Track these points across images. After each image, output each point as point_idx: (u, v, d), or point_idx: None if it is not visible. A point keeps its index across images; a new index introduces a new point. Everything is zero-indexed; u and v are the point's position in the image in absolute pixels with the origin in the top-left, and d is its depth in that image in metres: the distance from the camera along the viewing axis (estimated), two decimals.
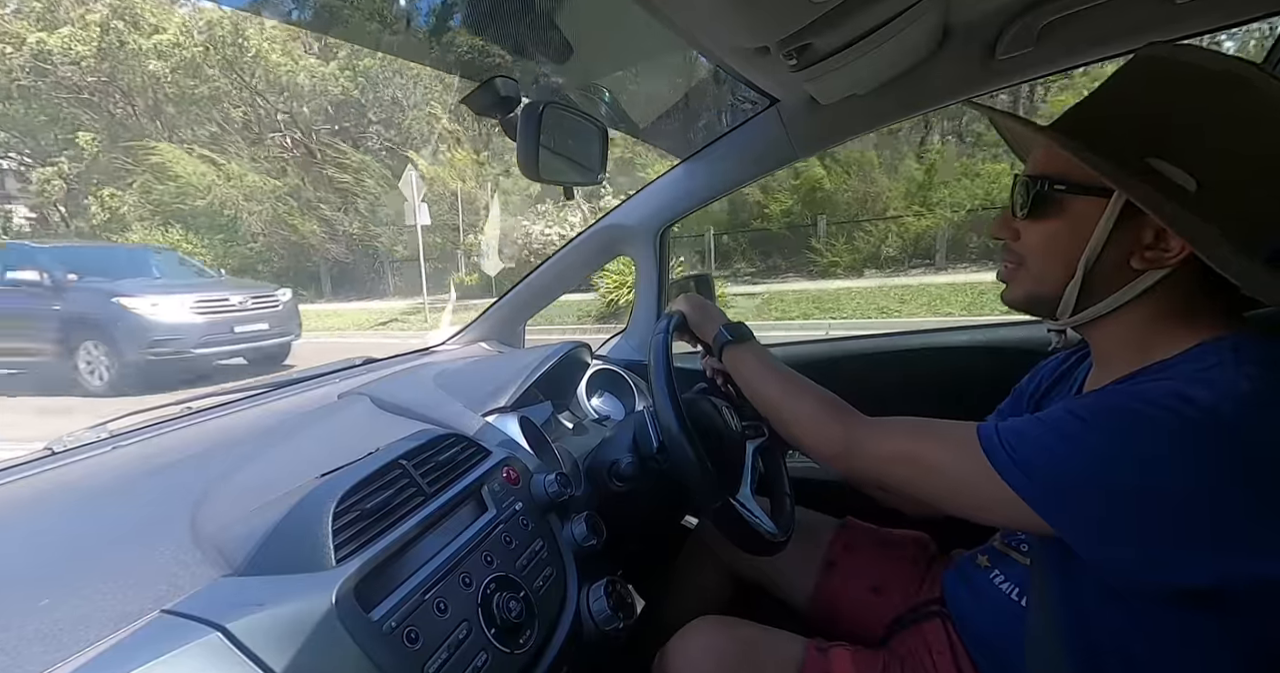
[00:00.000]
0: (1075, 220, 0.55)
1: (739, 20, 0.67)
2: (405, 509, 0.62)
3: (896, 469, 0.62)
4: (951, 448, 0.57)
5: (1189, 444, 0.45)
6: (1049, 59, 0.88)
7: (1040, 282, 0.60)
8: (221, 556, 0.56)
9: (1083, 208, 0.54)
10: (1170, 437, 0.45)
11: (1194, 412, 0.45)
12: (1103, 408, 0.50)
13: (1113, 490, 0.47)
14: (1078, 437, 0.49)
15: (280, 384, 1.08)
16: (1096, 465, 0.48)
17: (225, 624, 0.44)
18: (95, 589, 0.50)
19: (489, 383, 0.99)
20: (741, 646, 0.74)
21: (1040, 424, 0.53)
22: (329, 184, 13.77)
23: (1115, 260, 0.54)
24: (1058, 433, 0.51)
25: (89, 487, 0.70)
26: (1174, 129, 0.51)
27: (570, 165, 0.94)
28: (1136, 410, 0.48)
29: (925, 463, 0.59)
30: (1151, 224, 0.51)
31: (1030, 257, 0.60)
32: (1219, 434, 0.45)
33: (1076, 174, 0.54)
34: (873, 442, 0.64)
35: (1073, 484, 0.49)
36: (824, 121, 1.06)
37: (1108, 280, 0.55)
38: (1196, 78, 0.51)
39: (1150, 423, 0.46)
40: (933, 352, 1.27)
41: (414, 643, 0.52)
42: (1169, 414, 0.46)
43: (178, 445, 0.83)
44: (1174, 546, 0.46)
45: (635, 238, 1.31)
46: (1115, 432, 0.48)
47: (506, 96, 0.83)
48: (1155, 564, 0.47)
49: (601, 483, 0.89)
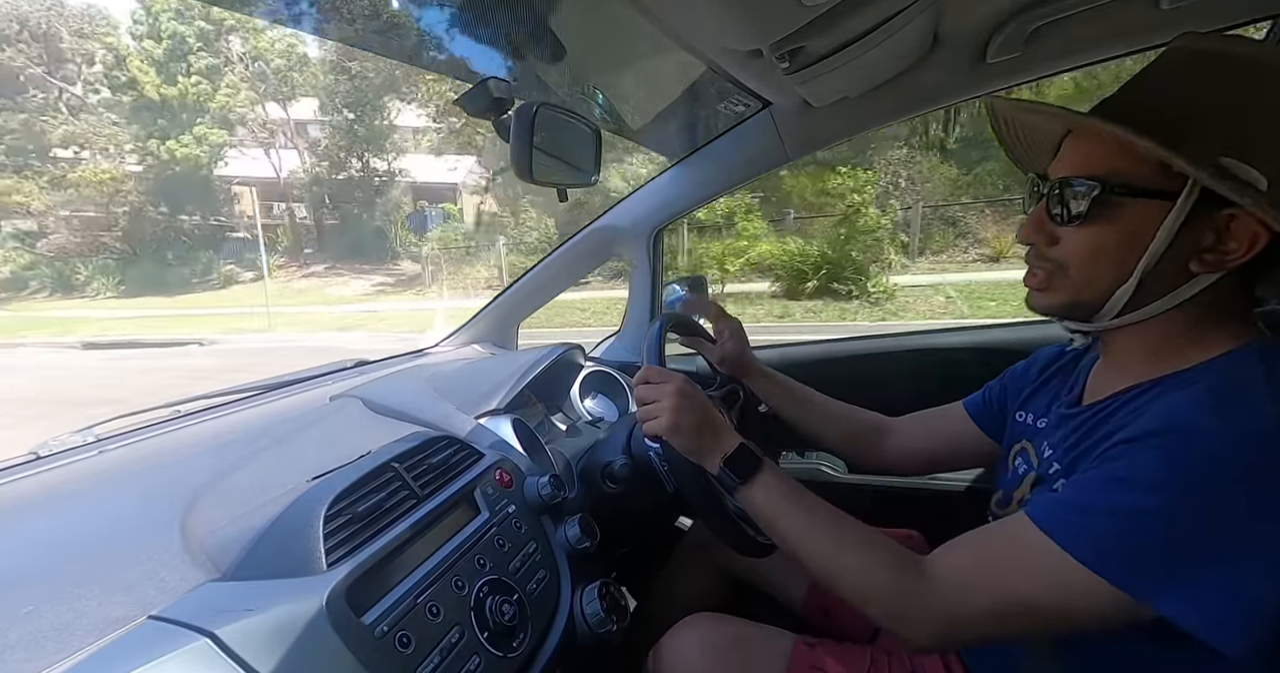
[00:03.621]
0: (1134, 224, 0.51)
1: (732, 24, 0.67)
2: (397, 512, 0.62)
3: (993, 631, 0.52)
4: (1037, 572, 0.48)
5: (1256, 478, 0.43)
6: (1039, 63, 0.89)
7: (1085, 289, 0.55)
8: (210, 560, 0.55)
9: (1143, 211, 0.51)
10: (1239, 476, 0.43)
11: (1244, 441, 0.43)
12: (1162, 463, 0.46)
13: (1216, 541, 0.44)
14: (1156, 507, 0.45)
15: (271, 387, 1.07)
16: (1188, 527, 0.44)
17: (214, 630, 0.44)
18: (81, 595, 0.49)
19: (482, 385, 0.98)
20: (732, 640, 0.75)
21: (1108, 515, 0.46)
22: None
23: (1175, 264, 0.51)
24: (1132, 513, 0.46)
25: (75, 492, 0.70)
26: (1241, 124, 0.48)
27: (564, 167, 0.94)
28: (1200, 452, 0.44)
29: (1025, 610, 0.49)
30: (1213, 225, 0.49)
31: (1075, 263, 0.55)
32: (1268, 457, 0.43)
33: (1133, 174, 0.51)
34: (943, 605, 0.53)
35: (1178, 556, 0.44)
36: (816, 124, 1.06)
37: (1162, 284, 0.52)
38: (1253, 71, 0.48)
39: (1212, 462, 0.44)
40: (933, 352, 1.28)
41: (406, 647, 0.51)
42: (1225, 449, 0.44)
43: (166, 449, 0.82)
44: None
45: (629, 239, 1.31)
46: (1188, 487, 0.44)
47: (499, 98, 0.83)
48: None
49: (595, 485, 0.89)
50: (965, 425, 0.83)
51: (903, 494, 1.29)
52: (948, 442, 0.86)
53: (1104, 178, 0.52)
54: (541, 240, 13.09)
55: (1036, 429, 0.68)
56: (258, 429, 0.87)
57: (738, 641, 0.75)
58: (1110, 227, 0.52)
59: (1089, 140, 0.54)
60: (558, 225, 13.22)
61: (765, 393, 0.96)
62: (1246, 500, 0.43)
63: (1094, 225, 0.53)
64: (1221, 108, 0.49)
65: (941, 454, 0.87)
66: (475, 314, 1.46)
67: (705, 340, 0.97)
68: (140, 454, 0.81)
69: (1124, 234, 0.52)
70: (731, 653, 0.73)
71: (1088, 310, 0.57)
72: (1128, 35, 0.83)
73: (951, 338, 1.29)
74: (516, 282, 1.42)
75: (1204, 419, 0.46)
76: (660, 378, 0.69)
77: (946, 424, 0.86)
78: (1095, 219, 0.53)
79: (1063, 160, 0.56)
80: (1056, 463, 0.59)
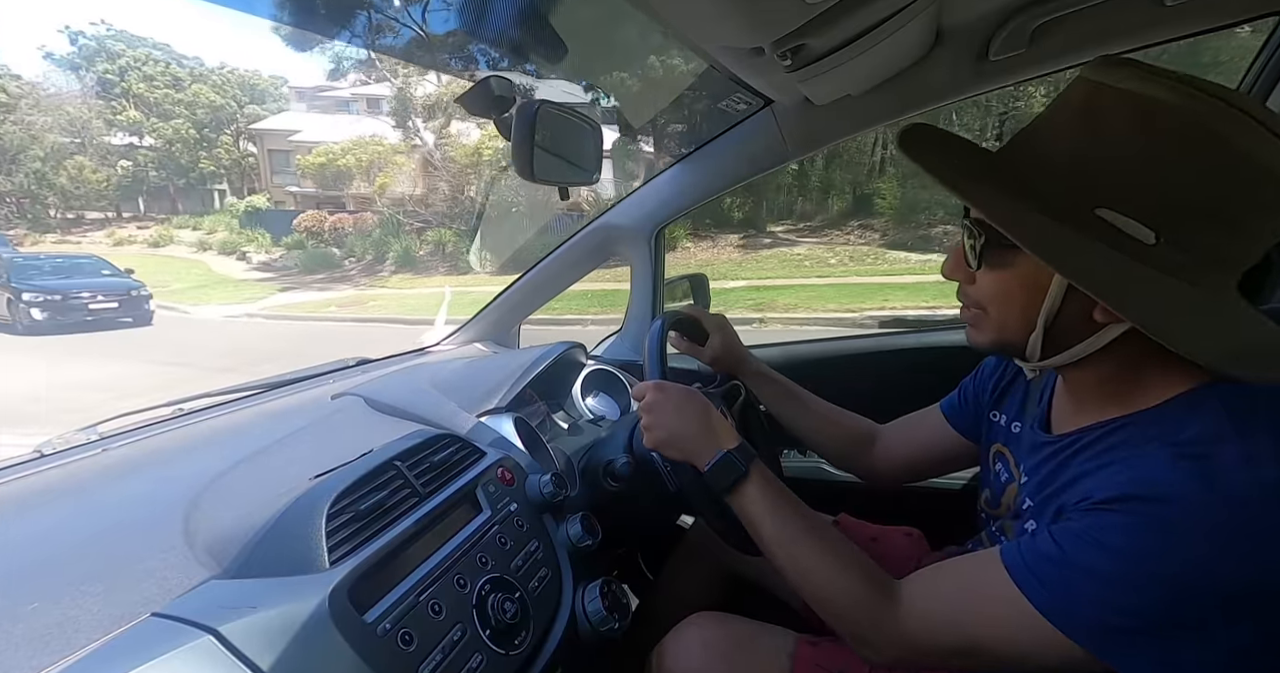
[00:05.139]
0: (1029, 275, 0.51)
1: (733, 22, 0.67)
2: (399, 510, 0.62)
3: (954, 663, 0.53)
4: (1005, 622, 0.49)
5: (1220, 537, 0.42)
6: (1042, 60, 0.89)
7: (1003, 330, 0.55)
8: (213, 558, 0.56)
9: (1035, 262, 0.48)
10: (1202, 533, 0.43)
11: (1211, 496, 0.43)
12: (1138, 531, 0.45)
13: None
14: (1129, 573, 0.44)
15: (273, 385, 1.08)
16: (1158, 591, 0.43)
17: (217, 627, 0.44)
18: (84, 592, 0.49)
19: (483, 383, 0.99)
20: (735, 639, 0.75)
21: (1083, 576, 0.46)
22: None
23: (1077, 313, 0.50)
24: (1106, 578, 0.45)
25: (78, 489, 0.70)
26: (1125, 172, 0.45)
27: (565, 165, 0.94)
28: (1173, 522, 0.43)
29: (988, 653, 0.50)
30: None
31: (989, 305, 0.55)
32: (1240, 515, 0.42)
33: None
34: (906, 634, 0.54)
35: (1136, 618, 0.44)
36: (818, 122, 1.06)
37: (1071, 333, 0.51)
38: (1151, 111, 0.44)
39: (1177, 525, 0.43)
40: (932, 351, 1.28)
41: (408, 645, 0.51)
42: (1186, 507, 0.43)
43: (169, 447, 0.83)
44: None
45: (630, 237, 1.31)
46: (1149, 551, 0.44)
47: (501, 96, 0.82)
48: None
49: (596, 483, 0.89)
50: (941, 430, 0.82)
51: (903, 492, 1.28)
52: (925, 448, 0.85)
53: (994, 226, 0.49)
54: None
55: (1011, 434, 0.68)
56: (260, 428, 0.88)
57: (741, 640, 0.75)
58: (1009, 273, 0.52)
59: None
60: None
61: (759, 392, 0.95)
62: (1219, 567, 0.42)
63: (996, 271, 0.53)
64: (1098, 153, 0.46)
65: (921, 461, 0.86)
66: (477, 312, 1.46)
67: (695, 343, 0.95)
68: (143, 452, 0.81)
69: (1024, 284, 0.51)
70: (735, 652, 0.73)
71: (1015, 350, 0.56)
72: (1130, 32, 0.83)
73: (953, 337, 1.29)
74: (518, 280, 1.42)
75: (1176, 486, 0.44)
76: (654, 392, 0.71)
77: (923, 430, 0.85)
78: (996, 265, 0.53)
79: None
80: (1029, 499, 0.58)
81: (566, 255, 1.37)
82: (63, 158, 22.77)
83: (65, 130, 23.51)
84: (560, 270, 1.39)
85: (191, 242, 20.30)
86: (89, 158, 23.38)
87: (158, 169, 24.54)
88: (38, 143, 22.43)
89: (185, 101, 24.51)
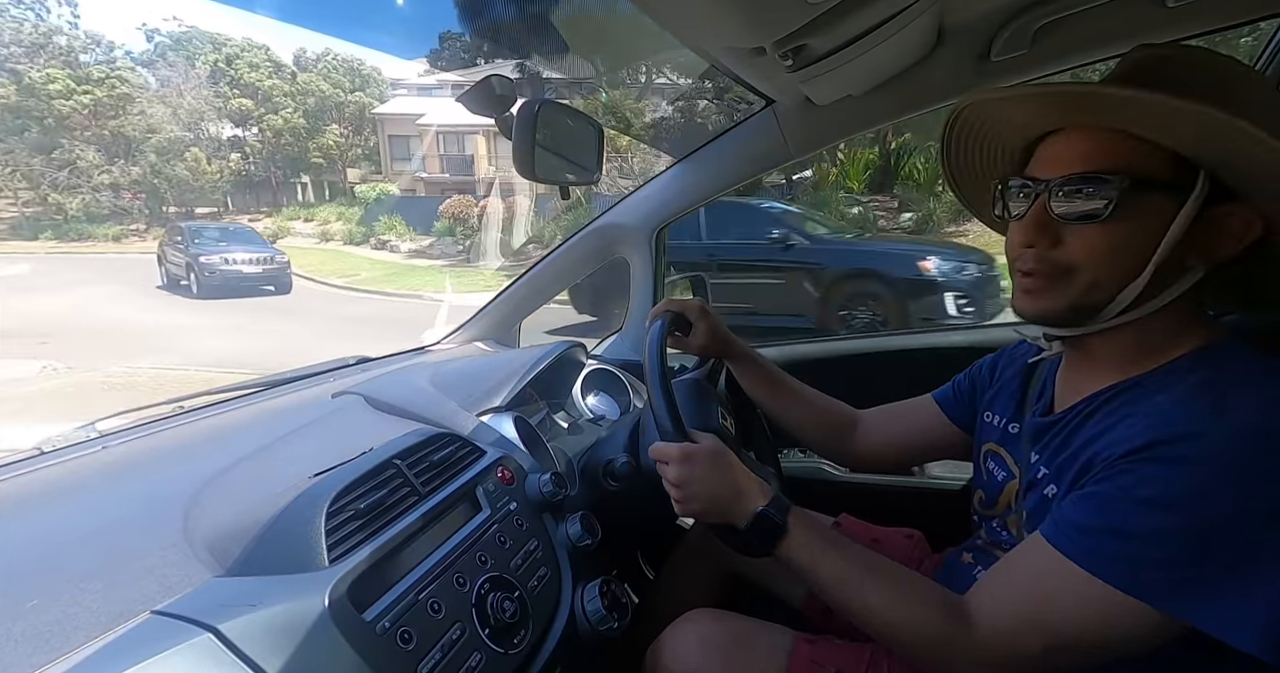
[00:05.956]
0: (1151, 219, 0.50)
1: (735, 22, 0.67)
2: (399, 509, 0.62)
3: (1042, 670, 0.52)
4: (1080, 605, 0.48)
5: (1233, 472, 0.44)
6: (1043, 61, 0.89)
7: (1092, 289, 0.53)
8: (213, 556, 0.56)
9: (1160, 204, 0.50)
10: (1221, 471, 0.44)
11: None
12: (1175, 477, 0.45)
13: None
14: (1181, 525, 0.45)
15: (273, 383, 1.08)
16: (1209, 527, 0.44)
17: (217, 625, 0.44)
18: (84, 590, 0.49)
19: (484, 382, 0.98)
20: (733, 636, 0.74)
21: (1137, 538, 0.46)
22: None
23: (1179, 257, 0.51)
24: (1159, 534, 0.45)
25: (78, 487, 0.70)
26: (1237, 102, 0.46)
27: (566, 164, 0.94)
28: (1205, 458, 0.44)
29: (1073, 644, 0.49)
30: (1209, 216, 0.49)
31: (1086, 263, 0.53)
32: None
33: (1150, 168, 0.50)
34: (994, 653, 0.52)
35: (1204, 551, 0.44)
36: (820, 122, 1.06)
37: (1164, 280, 0.52)
38: (1217, 70, 0.51)
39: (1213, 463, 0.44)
40: (932, 352, 1.28)
41: (408, 644, 0.51)
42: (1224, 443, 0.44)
43: (169, 445, 0.83)
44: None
45: (632, 237, 1.31)
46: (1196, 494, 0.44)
47: (502, 95, 0.82)
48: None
49: (596, 483, 0.89)
50: (935, 417, 0.83)
51: (903, 493, 1.29)
52: (917, 433, 0.85)
53: (1125, 172, 0.50)
54: None
55: (1007, 434, 0.69)
56: (260, 426, 0.88)
57: (738, 637, 0.75)
58: (1128, 223, 0.51)
59: (1091, 135, 0.53)
60: None
61: (743, 378, 0.94)
62: (1262, 499, 0.43)
63: (1113, 222, 0.51)
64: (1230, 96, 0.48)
65: (912, 446, 0.87)
66: (478, 312, 1.46)
67: (681, 334, 0.92)
68: (143, 450, 0.81)
69: (1142, 229, 0.51)
70: (732, 649, 0.73)
71: (1087, 313, 0.55)
72: (1132, 33, 0.83)
73: (953, 337, 1.29)
74: (518, 280, 1.42)
75: (1198, 421, 0.45)
76: (679, 465, 0.66)
77: (915, 416, 0.86)
78: (1115, 216, 0.51)
79: (1056, 159, 0.54)
80: (1044, 468, 0.59)
81: (567, 255, 1.37)
82: (181, 150, 22.30)
83: (180, 122, 22.95)
84: (561, 270, 1.39)
85: (309, 233, 19.37)
86: (202, 150, 22.77)
87: (266, 160, 23.73)
88: (155, 134, 21.87)
89: (294, 92, 23.62)
